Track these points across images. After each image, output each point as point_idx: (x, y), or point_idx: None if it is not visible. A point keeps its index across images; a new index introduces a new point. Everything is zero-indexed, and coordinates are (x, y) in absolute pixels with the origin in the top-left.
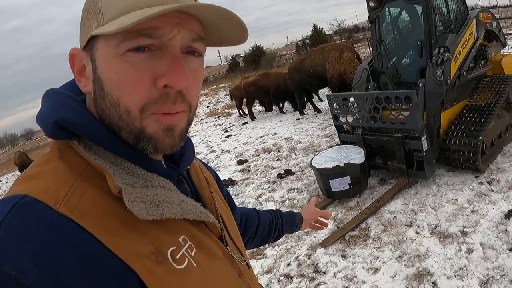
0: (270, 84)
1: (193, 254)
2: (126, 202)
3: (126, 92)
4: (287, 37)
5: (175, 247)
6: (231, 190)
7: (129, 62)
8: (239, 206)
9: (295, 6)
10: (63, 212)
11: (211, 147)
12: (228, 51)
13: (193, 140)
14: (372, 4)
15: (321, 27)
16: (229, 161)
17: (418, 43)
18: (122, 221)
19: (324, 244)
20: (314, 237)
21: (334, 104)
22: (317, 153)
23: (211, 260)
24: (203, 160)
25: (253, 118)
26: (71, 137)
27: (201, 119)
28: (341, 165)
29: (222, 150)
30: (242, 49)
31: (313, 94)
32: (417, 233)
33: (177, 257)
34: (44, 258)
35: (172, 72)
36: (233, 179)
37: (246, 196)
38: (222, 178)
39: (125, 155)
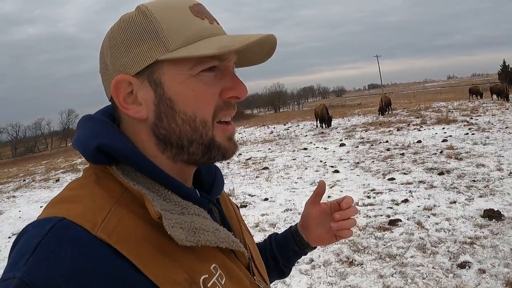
0: None
1: (223, 282)
2: (167, 227)
3: (202, 106)
4: None
5: (207, 275)
6: None
7: (203, 80)
8: None
9: None
10: (100, 237)
11: None
12: None
13: None
14: None
15: None
16: None
17: None
18: (158, 248)
19: None
20: None
21: None
22: None
23: None
24: None
25: None
26: (110, 162)
27: None
28: None
29: None
30: None
31: None
32: None
33: (209, 285)
34: (82, 282)
35: (239, 86)
36: None
37: None
38: None
39: (163, 181)
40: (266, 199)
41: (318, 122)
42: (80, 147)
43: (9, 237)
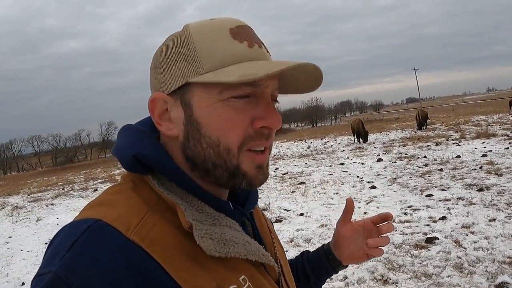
0: None
1: None
2: (196, 237)
3: (228, 133)
4: None
5: (235, 286)
6: None
7: (232, 106)
8: None
9: None
10: (133, 240)
11: None
12: None
13: None
14: None
15: None
16: None
17: None
18: (188, 255)
19: None
20: None
21: None
22: None
23: None
24: None
25: None
26: (146, 171)
27: None
28: None
29: None
30: None
31: None
32: None
33: None
34: (114, 280)
35: (271, 116)
36: None
37: None
38: None
39: (196, 193)
40: (301, 214)
41: (354, 137)
42: (118, 155)
43: (46, 243)
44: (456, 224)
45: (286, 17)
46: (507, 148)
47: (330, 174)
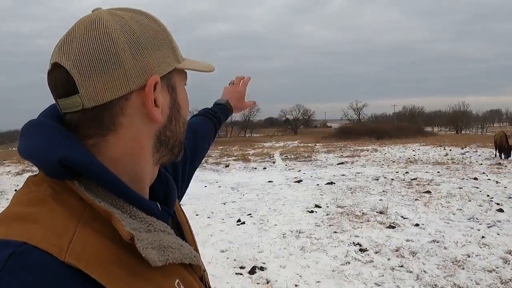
0: None
1: None
2: (140, 250)
3: (187, 113)
4: None
5: None
6: None
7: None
8: None
9: None
10: (70, 262)
11: None
12: None
13: None
14: None
15: None
16: None
17: None
18: (127, 268)
19: None
20: None
21: None
22: None
23: None
24: None
25: None
26: (72, 177)
27: None
28: None
29: None
30: None
31: None
32: None
33: None
34: None
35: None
36: None
37: None
38: None
39: (127, 196)
40: (416, 225)
41: (496, 151)
42: (36, 160)
43: None
44: None
45: (437, 13)
46: None
47: (459, 188)
